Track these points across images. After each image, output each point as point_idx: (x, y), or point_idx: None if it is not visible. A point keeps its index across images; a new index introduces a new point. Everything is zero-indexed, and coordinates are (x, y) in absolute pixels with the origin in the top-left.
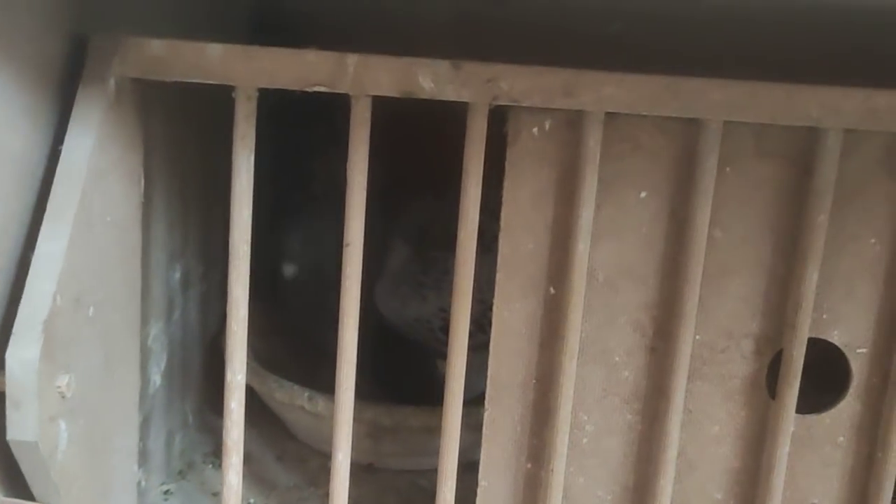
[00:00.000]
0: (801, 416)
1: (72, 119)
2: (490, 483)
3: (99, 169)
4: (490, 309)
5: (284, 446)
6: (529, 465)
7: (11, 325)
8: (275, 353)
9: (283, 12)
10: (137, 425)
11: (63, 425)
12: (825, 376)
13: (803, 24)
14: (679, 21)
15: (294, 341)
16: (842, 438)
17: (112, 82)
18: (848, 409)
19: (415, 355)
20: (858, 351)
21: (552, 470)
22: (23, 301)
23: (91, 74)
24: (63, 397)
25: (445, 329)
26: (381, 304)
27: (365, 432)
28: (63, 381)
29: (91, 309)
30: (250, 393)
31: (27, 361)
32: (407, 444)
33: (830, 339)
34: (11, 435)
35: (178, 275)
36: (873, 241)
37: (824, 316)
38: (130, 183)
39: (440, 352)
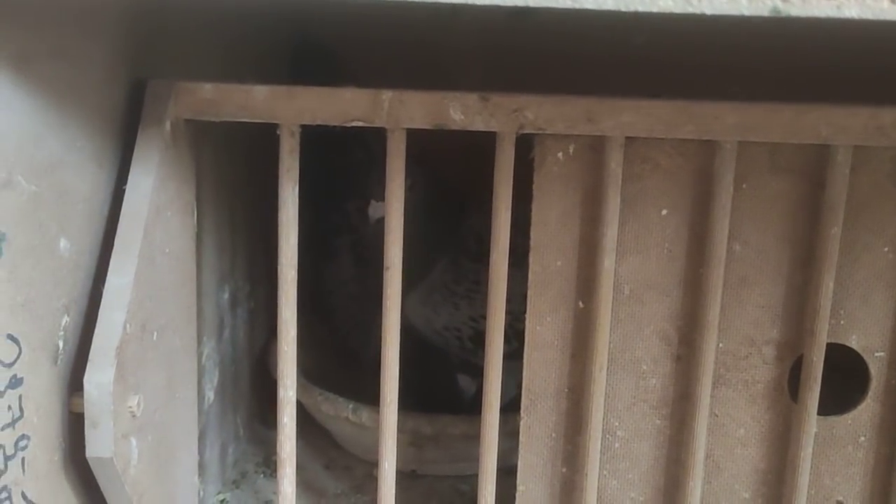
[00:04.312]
0: (823, 417)
1: (133, 160)
2: (528, 487)
3: (158, 205)
4: (517, 319)
5: (331, 455)
6: (565, 470)
7: (86, 352)
8: (319, 366)
9: (322, 44)
10: (197, 439)
11: (134, 442)
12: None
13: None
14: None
15: (338, 352)
16: (863, 438)
17: (168, 124)
18: (868, 410)
19: (437, 366)
20: (876, 354)
21: (586, 474)
22: (97, 330)
23: (149, 118)
24: (134, 416)
25: (473, 338)
26: (411, 312)
27: (408, 441)
28: (133, 401)
29: (155, 334)
30: (297, 405)
31: (103, 385)
32: (448, 451)
33: (849, 344)
34: (90, 452)
35: (226, 295)
36: (886, 249)
37: (842, 322)
38: (185, 215)
39: (463, 364)
